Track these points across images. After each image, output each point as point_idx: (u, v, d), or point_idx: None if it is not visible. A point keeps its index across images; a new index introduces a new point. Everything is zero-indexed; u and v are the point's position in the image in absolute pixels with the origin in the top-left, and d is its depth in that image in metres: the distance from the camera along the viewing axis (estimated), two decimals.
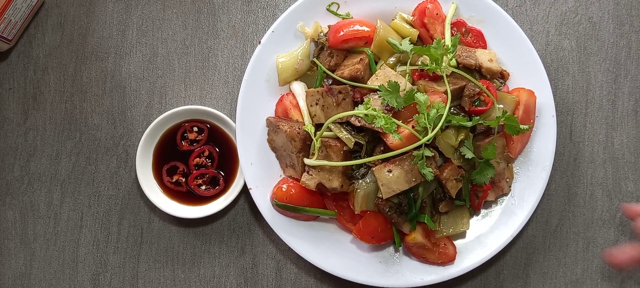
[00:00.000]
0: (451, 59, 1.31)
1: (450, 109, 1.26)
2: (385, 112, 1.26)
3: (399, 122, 1.23)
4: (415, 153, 1.25)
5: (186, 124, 1.45)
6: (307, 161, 1.31)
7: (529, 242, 1.46)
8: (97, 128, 1.49)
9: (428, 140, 1.23)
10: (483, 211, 1.41)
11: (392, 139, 1.25)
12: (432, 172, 1.25)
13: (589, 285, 1.46)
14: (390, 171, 1.27)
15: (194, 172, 1.45)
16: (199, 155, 1.45)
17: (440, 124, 1.22)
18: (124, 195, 1.49)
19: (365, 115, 1.25)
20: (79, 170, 1.49)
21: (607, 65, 1.48)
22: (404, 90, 1.28)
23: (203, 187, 1.45)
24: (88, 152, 1.49)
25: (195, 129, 1.45)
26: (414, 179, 1.27)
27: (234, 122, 1.41)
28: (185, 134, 1.45)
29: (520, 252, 1.46)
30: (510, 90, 1.39)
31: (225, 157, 1.46)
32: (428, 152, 1.25)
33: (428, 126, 1.22)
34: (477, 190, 1.36)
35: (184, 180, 1.45)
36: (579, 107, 1.48)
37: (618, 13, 1.49)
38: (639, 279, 1.45)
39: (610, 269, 1.45)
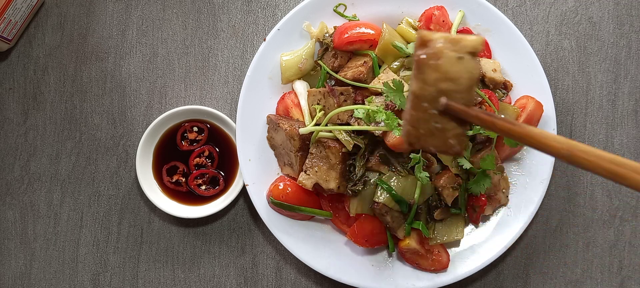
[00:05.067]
0: None
1: None
2: None
3: (400, 121, 1.23)
4: (412, 156, 1.25)
5: (186, 124, 1.45)
6: (302, 131, 1.30)
7: (529, 242, 1.46)
8: (97, 128, 1.49)
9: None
10: None
11: (391, 138, 1.25)
12: (428, 177, 1.25)
13: (589, 285, 1.46)
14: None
15: (194, 172, 1.45)
16: (199, 155, 1.45)
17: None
18: (124, 195, 1.49)
19: (366, 115, 1.25)
20: (79, 170, 1.49)
21: (607, 65, 1.48)
22: (407, 91, 1.28)
23: (203, 187, 1.45)
24: (88, 152, 1.49)
25: (195, 128, 1.45)
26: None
27: (234, 122, 1.41)
28: (185, 134, 1.45)
29: (520, 252, 1.46)
30: (516, 98, 1.39)
31: (225, 157, 1.46)
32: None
33: None
34: (475, 205, 1.36)
35: (184, 180, 1.45)
36: (579, 107, 1.48)
37: (618, 13, 1.49)
38: (638, 280, 1.46)
39: (611, 267, 1.46)
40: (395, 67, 1.37)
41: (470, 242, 1.39)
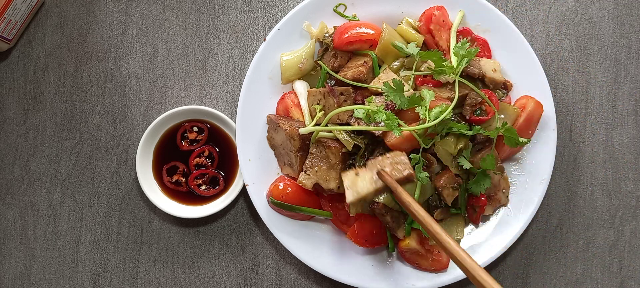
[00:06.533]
0: (462, 65, 1.29)
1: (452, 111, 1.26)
2: None
3: (400, 122, 1.23)
4: (412, 156, 1.25)
5: (186, 124, 1.45)
6: (301, 130, 1.30)
7: (529, 242, 1.46)
8: (97, 128, 1.49)
9: (430, 128, 1.22)
10: None
11: (391, 138, 1.25)
12: (428, 177, 1.25)
13: (589, 285, 1.46)
14: (357, 174, 1.23)
15: (194, 172, 1.45)
16: (199, 155, 1.45)
17: (442, 116, 1.21)
18: (124, 195, 1.49)
19: (366, 115, 1.25)
20: (79, 170, 1.49)
21: (607, 65, 1.48)
22: (408, 90, 1.28)
23: (203, 187, 1.45)
24: (88, 152, 1.49)
25: (195, 128, 1.45)
26: (381, 181, 1.21)
27: (234, 122, 1.41)
28: (185, 134, 1.45)
29: (520, 252, 1.46)
30: (516, 98, 1.39)
31: (225, 157, 1.46)
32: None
33: (428, 118, 1.22)
34: (475, 205, 1.36)
35: (184, 180, 1.45)
36: (579, 107, 1.48)
37: (618, 13, 1.49)
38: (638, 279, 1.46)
39: (611, 267, 1.46)
40: (395, 67, 1.37)
41: (470, 242, 1.39)
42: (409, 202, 1.14)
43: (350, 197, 1.22)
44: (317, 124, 1.32)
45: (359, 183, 1.22)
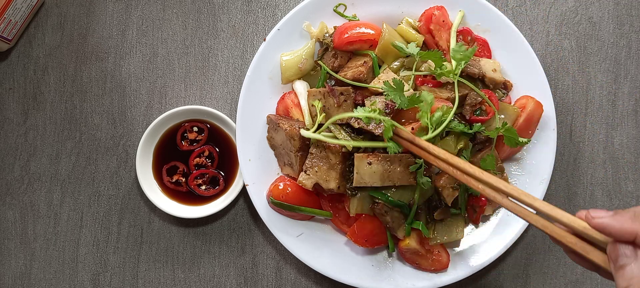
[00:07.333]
0: (460, 66, 1.29)
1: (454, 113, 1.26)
2: (385, 114, 1.26)
3: (399, 125, 1.23)
4: (416, 160, 1.25)
5: (186, 124, 1.45)
6: (304, 133, 1.31)
7: (529, 242, 1.46)
8: (97, 128, 1.49)
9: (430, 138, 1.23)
10: None
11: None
12: (429, 181, 1.25)
13: (589, 285, 1.46)
14: (370, 163, 1.27)
15: (194, 172, 1.45)
16: (199, 155, 1.45)
17: (443, 126, 1.21)
18: (124, 195, 1.49)
19: (366, 116, 1.25)
20: (79, 170, 1.49)
21: (607, 65, 1.48)
22: (408, 90, 1.28)
23: (203, 187, 1.45)
24: (88, 152, 1.49)
25: (195, 128, 1.45)
26: (388, 180, 1.27)
27: (234, 122, 1.41)
28: (185, 134, 1.45)
29: (520, 252, 1.46)
30: (516, 98, 1.39)
31: (225, 157, 1.46)
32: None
33: (430, 126, 1.22)
34: (475, 205, 1.36)
35: (184, 180, 1.45)
36: (579, 107, 1.48)
37: (618, 13, 1.49)
38: None
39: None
40: (395, 67, 1.37)
41: (470, 242, 1.39)
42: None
43: (356, 181, 1.27)
44: (319, 125, 1.31)
45: (369, 172, 1.26)
